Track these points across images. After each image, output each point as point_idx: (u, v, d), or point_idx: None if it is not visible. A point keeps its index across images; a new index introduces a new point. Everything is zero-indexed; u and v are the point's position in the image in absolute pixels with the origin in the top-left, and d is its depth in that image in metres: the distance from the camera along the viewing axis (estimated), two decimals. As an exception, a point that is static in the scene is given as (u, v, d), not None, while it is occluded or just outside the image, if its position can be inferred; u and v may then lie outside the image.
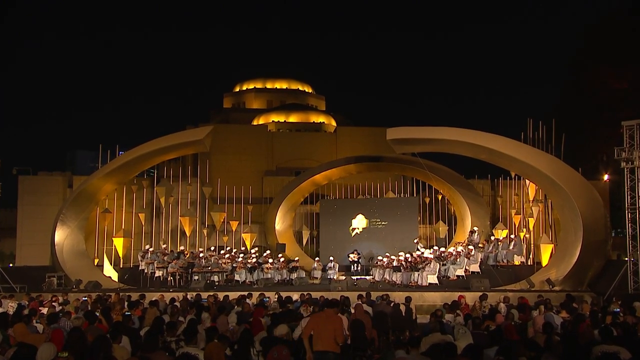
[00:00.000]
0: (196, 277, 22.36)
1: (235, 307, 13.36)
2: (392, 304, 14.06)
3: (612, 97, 31.95)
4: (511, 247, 23.21)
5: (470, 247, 22.68)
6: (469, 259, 22.08)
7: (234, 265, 23.73)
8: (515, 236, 24.68)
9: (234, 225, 29.06)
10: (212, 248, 26.53)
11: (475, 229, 25.18)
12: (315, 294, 16.81)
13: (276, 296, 16.25)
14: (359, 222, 28.93)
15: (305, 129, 43.20)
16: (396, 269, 22.60)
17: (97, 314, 10.94)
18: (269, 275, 23.37)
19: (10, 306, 14.47)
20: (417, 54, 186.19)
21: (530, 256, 25.44)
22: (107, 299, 15.95)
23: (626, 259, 19.49)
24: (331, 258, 25.56)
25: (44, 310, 13.16)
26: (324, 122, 44.63)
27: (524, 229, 26.73)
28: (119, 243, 26.16)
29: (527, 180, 26.06)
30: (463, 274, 21.76)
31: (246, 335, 8.58)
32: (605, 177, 28.36)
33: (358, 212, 29.05)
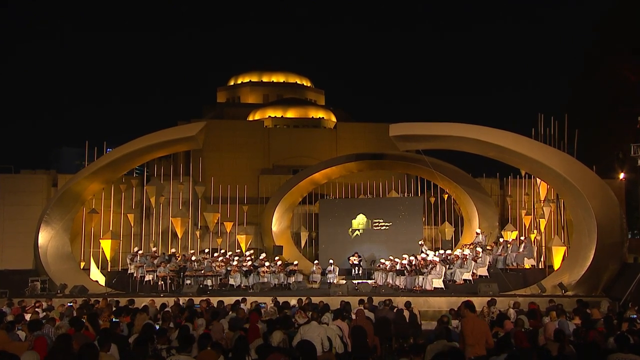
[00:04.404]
0: (188, 282, 22.35)
1: (230, 312, 13.36)
2: (395, 310, 14.06)
3: (628, 90, 31.94)
4: (521, 250, 23.22)
5: (478, 249, 22.68)
6: (476, 262, 22.09)
7: (228, 268, 23.73)
8: (526, 238, 24.71)
9: (228, 226, 29.06)
10: (205, 250, 26.51)
11: (479, 231, 25.18)
12: (314, 299, 16.83)
13: (272, 302, 16.26)
14: (360, 223, 28.96)
15: (303, 124, 43.21)
16: (399, 273, 22.61)
17: (84, 321, 10.92)
18: (265, 279, 23.36)
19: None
20: (422, 49, 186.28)
21: (542, 259, 25.44)
22: (94, 304, 15.94)
23: (643, 262, 19.52)
24: (331, 261, 25.58)
25: (27, 317, 13.12)
26: (323, 118, 44.63)
27: (535, 231, 26.73)
28: (106, 245, 26.14)
29: (538, 179, 26.06)
30: (470, 277, 21.78)
31: (241, 343, 8.57)
32: (621, 175, 28.40)
33: (359, 213, 29.08)
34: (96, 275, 25.32)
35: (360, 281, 24.20)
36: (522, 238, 24.78)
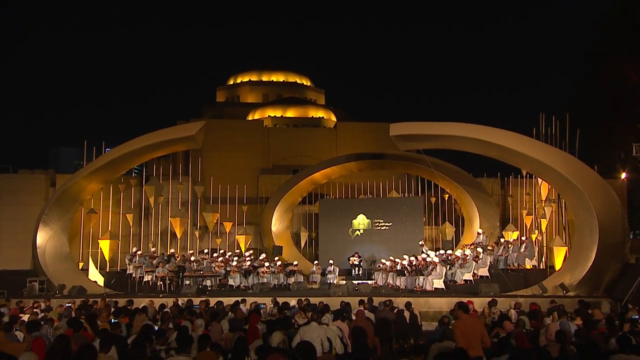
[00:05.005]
0: (187, 282, 22.33)
1: (230, 313, 13.36)
2: (395, 310, 14.05)
3: (630, 90, 31.94)
4: (522, 250, 23.20)
5: (479, 249, 22.67)
6: (477, 262, 22.07)
7: (228, 269, 23.70)
8: (527, 238, 24.68)
9: (227, 226, 29.04)
10: (205, 251, 26.49)
11: (480, 231, 25.16)
12: (314, 300, 16.81)
13: (272, 302, 16.24)
14: (361, 223, 28.94)
15: (303, 124, 43.21)
16: (400, 273, 22.60)
17: (82, 321, 10.91)
18: (265, 280, 23.34)
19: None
20: (422, 48, 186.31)
21: (543, 259, 25.44)
22: (92, 305, 15.92)
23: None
24: (331, 261, 25.57)
25: (25, 318, 13.12)
26: (323, 117, 44.62)
27: (536, 231, 26.73)
28: (105, 246, 26.13)
29: (539, 179, 26.05)
30: (471, 278, 21.77)
31: (241, 344, 8.55)
32: (623, 175, 28.39)
33: (359, 213, 29.06)
34: (95, 275, 25.29)
35: (360, 281, 24.19)
36: (523, 238, 24.76)
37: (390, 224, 28.63)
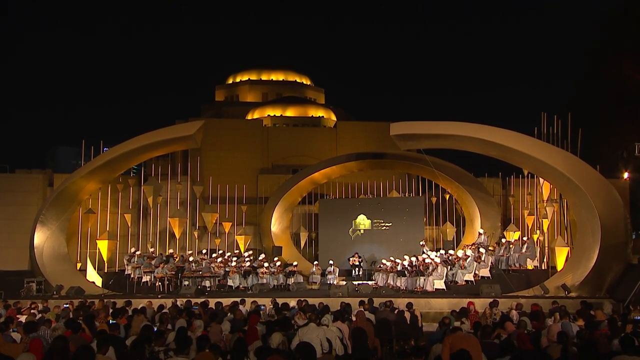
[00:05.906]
0: (186, 283, 22.33)
1: (229, 314, 13.36)
2: (396, 311, 14.05)
3: (632, 88, 31.92)
4: (524, 251, 23.21)
5: (481, 250, 22.67)
6: (478, 262, 22.07)
7: (227, 269, 23.71)
8: (528, 239, 24.70)
9: (226, 226, 29.03)
10: (204, 251, 26.46)
11: (481, 231, 25.16)
12: (314, 300, 16.82)
13: (271, 303, 16.24)
14: (363, 224, 28.94)
15: (303, 123, 43.21)
16: (400, 274, 22.60)
17: (80, 322, 10.91)
18: (264, 281, 23.34)
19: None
20: (423, 47, 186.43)
21: (545, 260, 25.42)
22: (90, 306, 15.93)
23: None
24: (331, 262, 25.54)
25: (22, 319, 13.12)
26: (323, 117, 44.61)
27: (538, 231, 26.71)
28: (103, 246, 26.11)
29: (540, 179, 26.05)
30: (472, 279, 21.77)
31: (240, 345, 8.55)
32: (625, 174, 28.37)
33: (360, 213, 29.04)
34: (93, 276, 25.27)
35: (360, 282, 24.17)
36: (525, 238, 24.77)
37: (391, 224, 28.61)
